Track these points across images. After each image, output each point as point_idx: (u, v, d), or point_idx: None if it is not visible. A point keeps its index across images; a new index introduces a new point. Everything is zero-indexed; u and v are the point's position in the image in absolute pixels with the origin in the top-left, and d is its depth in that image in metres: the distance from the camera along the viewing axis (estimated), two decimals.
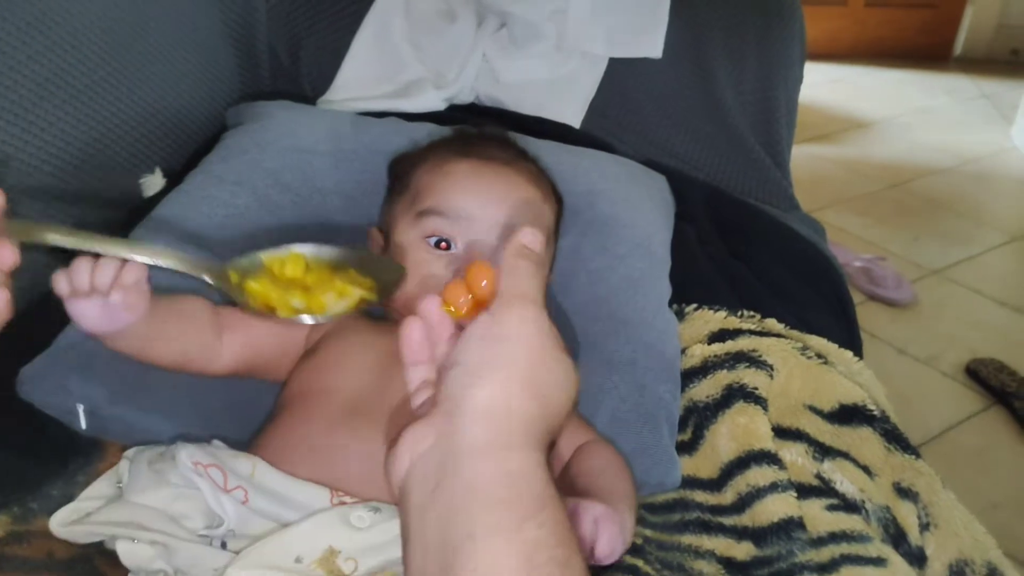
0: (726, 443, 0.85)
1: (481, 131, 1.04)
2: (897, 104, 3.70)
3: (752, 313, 1.02)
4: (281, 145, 1.06)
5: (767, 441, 0.84)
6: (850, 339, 1.16)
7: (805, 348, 0.94)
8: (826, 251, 1.28)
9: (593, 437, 0.83)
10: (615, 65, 1.46)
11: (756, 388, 0.88)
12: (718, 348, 0.93)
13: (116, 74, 1.13)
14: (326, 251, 0.82)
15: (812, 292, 1.17)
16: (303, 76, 1.45)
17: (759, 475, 0.82)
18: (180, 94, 1.28)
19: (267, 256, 0.80)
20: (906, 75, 4.01)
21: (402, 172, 0.96)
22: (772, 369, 0.90)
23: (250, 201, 1.00)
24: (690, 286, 1.05)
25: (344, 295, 0.77)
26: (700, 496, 0.85)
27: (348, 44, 1.46)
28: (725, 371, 0.90)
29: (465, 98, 1.43)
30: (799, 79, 1.57)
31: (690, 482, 0.86)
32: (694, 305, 1.03)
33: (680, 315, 1.01)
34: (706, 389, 0.90)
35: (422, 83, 1.40)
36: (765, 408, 0.87)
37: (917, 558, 0.81)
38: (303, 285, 0.78)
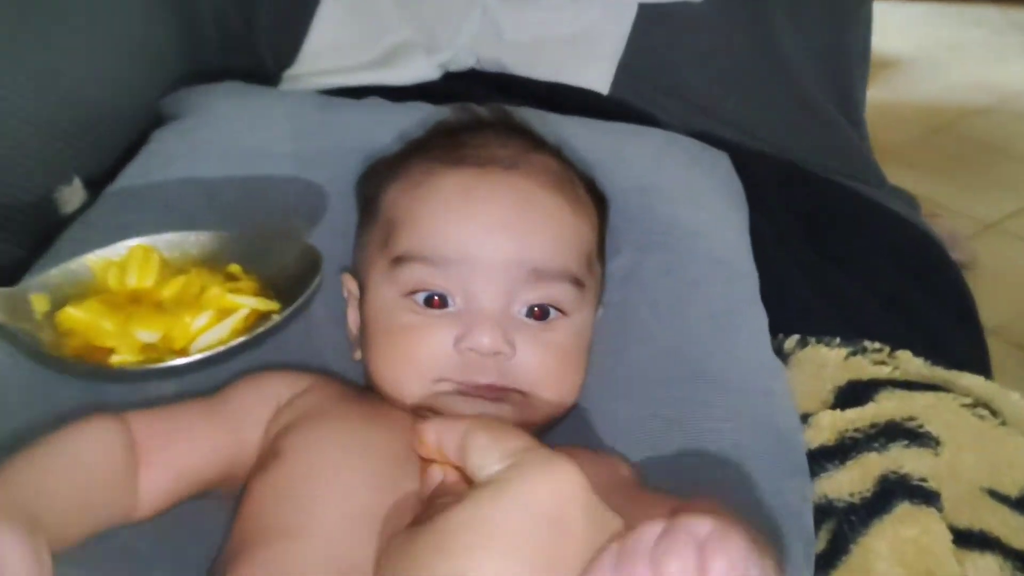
0: (889, 568, 0.57)
1: (475, 113, 0.74)
2: (925, 40, 3.39)
3: (879, 346, 0.74)
4: (222, 148, 0.77)
5: (951, 567, 0.57)
6: (979, 345, 0.91)
7: (975, 404, 0.66)
8: (934, 235, 0.99)
9: None
10: (646, 14, 1.15)
11: (924, 480, 0.60)
12: (855, 416, 0.64)
13: (10, 51, 0.83)
14: (191, 240, 0.56)
15: (929, 294, 0.89)
16: (261, 45, 1.14)
17: None
18: (101, 77, 0.97)
19: (95, 259, 0.53)
20: (931, 8, 3.69)
21: (371, 195, 0.67)
22: (937, 444, 0.63)
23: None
24: (779, 308, 0.76)
25: (225, 310, 0.51)
26: None
27: (317, 2, 1.14)
28: (875, 454, 0.62)
29: (463, 63, 1.13)
30: (870, 17, 1.26)
31: None
32: (795, 338, 0.75)
33: (780, 353, 0.73)
34: (848, 481, 0.61)
35: (410, 47, 1.11)
36: (940, 508, 0.60)
37: None
38: (155, 301, 0.51)
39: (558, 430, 0.64)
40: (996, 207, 2.34)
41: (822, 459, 0.63)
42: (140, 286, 0.52)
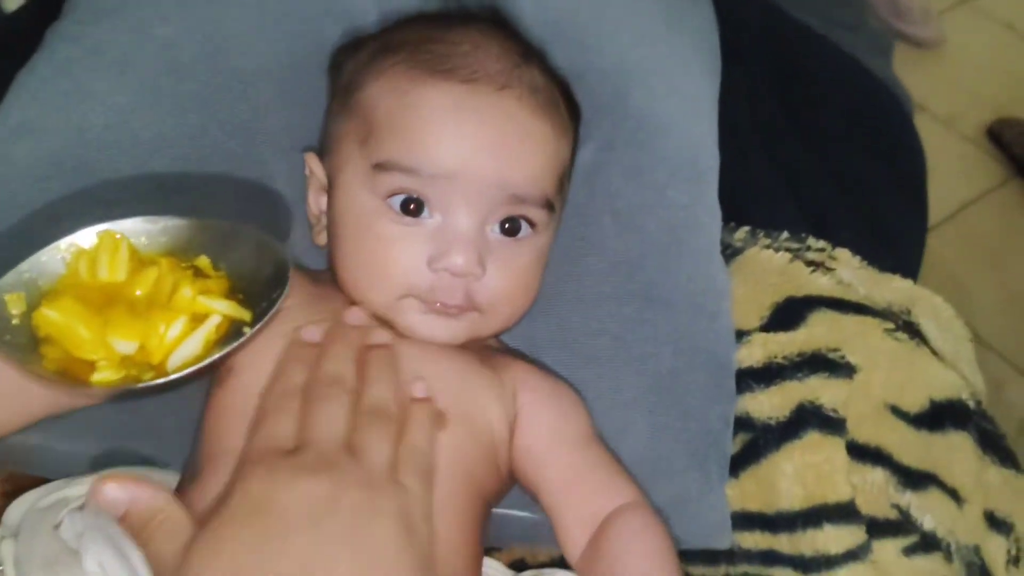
0: (790, 486, 0.65)
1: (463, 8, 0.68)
2: None
3: (821, 245, 0.76)
4: None
5: (845, 490, 0.64)
6: (919, 228, 0.93)
7: (895, 328, 0.70)
8: (901, 100, 0.98)
9: (632, 499, 0.59)
10: None
11: (835, 411, 0.66)
12: (786, 341, 0.68)
13: None
14: (160, 226, 0.54)
15: (883, 172, 0.91)
16: None
17: (832, 539, 0.63)
18: None
19: (66, 247, 0.51)
20: None
21: (349, 82, 0.64)
22: (855, 371, 0.68)
23: (137, 98, 0.68)
24: (737, 184, 0.77)
25: (198, 316, 0.50)
26: (750, 540, 0.66)
27: None
28: (797, 382, 0.67)
29: None
30: None
31: (736, 519, 0.67)
32: (746, 230, 0.77)
33: (728, 248, 0.75)
34: (769, 404, 0.67)
35: None
36: (844, 433, 0.66)
37: None
38: (128, 300, 0.50)
39: (507, 334, 0.67)
40: None
41: (750, 379, 0.68)
42: (112, 279, 0.50)
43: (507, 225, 0.60)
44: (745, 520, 0.67)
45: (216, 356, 0.48)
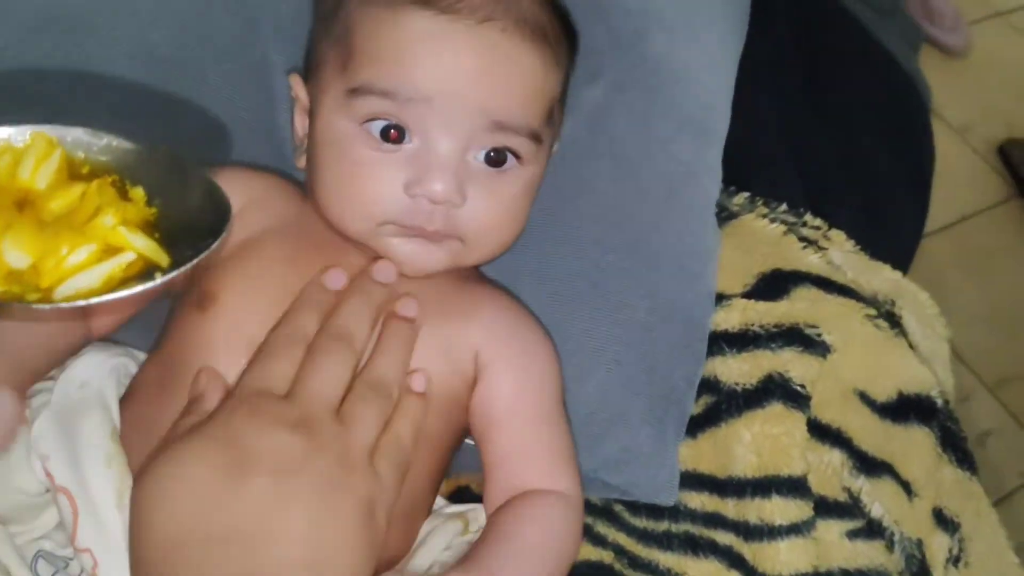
0: (745, 453, 0.63)
1: None
2: None
3: (818, 223, 0.74)
4: None
5: (799, 465, 0.63)
6: (918, 219, 0.91)
7: (877, 315, 0.68)
8: (920, 89, 0.95)
9: (562, 489, 0.56)
10: None
11: (803, 385, 0.64)
12: (765, 310, 0.66)
13: None
14: (102, 143, 0.49)
15: (894, 158, 0.88)
16: None
17: (779, 510, 0.61)
18: None
19: None
20: None
21: (332, 7, 0.59)
22: (828, 351, 0.66)
23: None
24: (746, 148, 0.75)
25: (110, 249, 0.44)
26: (696, 500, 0.65)
27: None
28: (769, 352, 0.65)
29: None
30: None
31: (686, 478, 0.65)
32: (745, 196, 0.74)
33: (724, 210, 0.72)
34: (739, 370, 0.65)
35: None
36: (807, 410, 0.64)
37: None
38: (40, 212, 0.45)
39: (489, 266, 0.64)
40: None
41: (723, 342, 0.66)
42: (31, 185, 0.45)
43: (492, 155, 0.56)
44: (695, 480, 0.65)
45: (111, 296, 0.42)
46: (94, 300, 0.42)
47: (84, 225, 0.44)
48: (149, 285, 0.43)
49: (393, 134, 0.54)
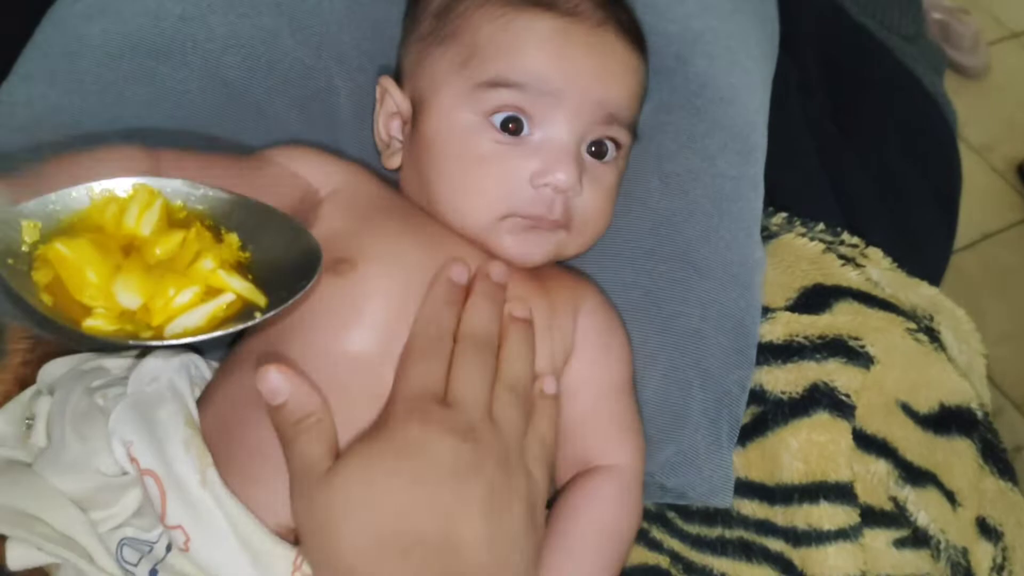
0: (792, 461, 0.65)
1: None
2: None
3: (855, 241, 0.76)
4: None
5: (845, 472, 0.64)
6: (947, 239, 0.93)
7: (917, 329, 0.70)
8: (945, 113, 0.97)
9: (625, 462, 0.60)
10: None
11: (848, 395, 0.66)
12: (809, 323, 0.68)
13: None
14: (199, 194, 0.51)
15: (922, 179, 0.90)
16: None
17: (826, 515, 0.63)
18: None
19: (98, 191, 0.48)
20: None
21: (443, 9, 0.63)
22: (872, 362, 0.68)
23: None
24: (782, 170, 0.77)
25: (212, 290, 0.47)
26: (748, 507, 0.67)
27: None
28: (814, 363, 0.67)
29: None
30: None
31: (738, 486, 0.67)
32: (783, 216, 0.76)
33: (765, 230, 0.74)
34: (784, 380, 0.67)
35: None
36: (852, 419, 0.66)
37: None
38: (146, 257, 0.47)
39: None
40: None
41: (768, 353, 0.68)
42: (136, 232, 0.48)
43: (594, 148, 0.61)
44: (746, 488, 0.67)
45: (217, 334, 0.46)
46: (202, 336, 0.45)
47: (186, 268, 0.47)
48: (251, 323, 0.47)
49: (512, 126, 0.58)
